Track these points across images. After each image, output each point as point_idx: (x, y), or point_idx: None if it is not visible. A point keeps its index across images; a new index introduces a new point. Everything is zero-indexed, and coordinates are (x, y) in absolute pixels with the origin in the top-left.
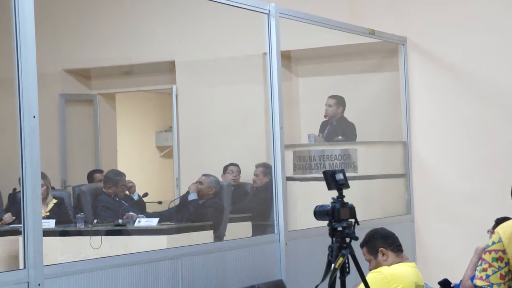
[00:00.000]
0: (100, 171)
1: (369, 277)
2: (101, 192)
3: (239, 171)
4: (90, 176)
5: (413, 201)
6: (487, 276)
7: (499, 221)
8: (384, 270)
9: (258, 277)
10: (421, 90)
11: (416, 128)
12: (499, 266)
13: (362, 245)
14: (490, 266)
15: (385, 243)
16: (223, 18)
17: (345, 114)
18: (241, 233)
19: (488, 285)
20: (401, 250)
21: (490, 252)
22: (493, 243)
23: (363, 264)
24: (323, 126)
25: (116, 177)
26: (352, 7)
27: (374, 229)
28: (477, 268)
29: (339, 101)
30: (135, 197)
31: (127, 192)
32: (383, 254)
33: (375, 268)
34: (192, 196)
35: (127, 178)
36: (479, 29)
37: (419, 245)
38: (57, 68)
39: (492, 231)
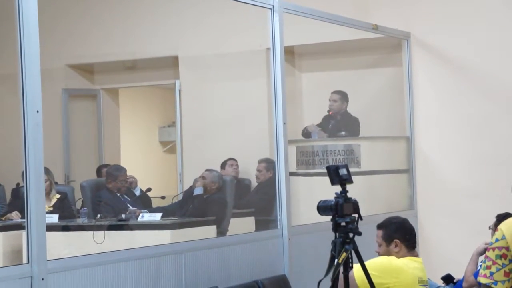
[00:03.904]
0: (108, 166)
1: (378, 259)
2: (103, 187)
3: (237, 165)
4: (99, 171)
5: (416, 197)
6: (491, 274)
7: (500, 217)
8: (393, 260)
9: (261, 272)
10: (424, 86)
11: (420, 124)
12: (503, 264)
13: (379, 227)
14: (494, 263)
15: (402, 237)
16: (226, 13)
17: (349, 109)
18: (244, 228)
19: (492, 283)
20: (414, 247)
21: (493, 249)
22: (497, 240)
23: (367, 259)
24: (326, 120)
25: (115, 173)
26: (356, 2)
27: (398, 217)
28: (480, 265)
29: (344, 97)
30: (137, 192)
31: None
32: (396, 246)
33: (383, 254)
34: (198, 191)
35: (129, 173)
36: (482, 25)
37: (422, 240)
38: (60, 63)
39: (493, 228)
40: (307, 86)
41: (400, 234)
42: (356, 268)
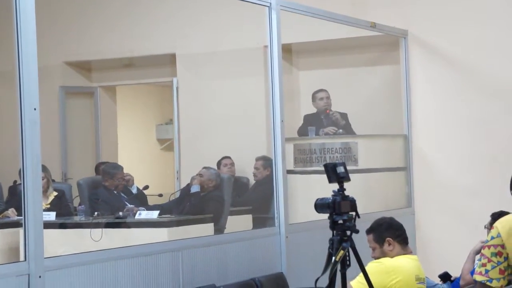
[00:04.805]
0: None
1: (369, 267)
2: (100, 185)
3: (232, 163)
4: (97, 169)
5: (413, 195)
6: (487, 271)
7: (495, 215)
8: (385, 261)
9: (258, 270)
10: (422, 84)
11: (417, 122)
12: (498, 261)
13: (368, 232)
14: (489, 261)
15: (393, 234)
16: (224, 11)
17: (347, 107)
18: (242, 226)
19: (487, 280)
20: (407, 243)
21: (489, 247)
22: (492, 238)
23: (364, 257)
24: (313, 119)
25: (112, 171)
26: (353, 0)
27: (383, 218)
28: (476, 263)
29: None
30: (134, 190)
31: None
32: (389, 244)
33: (379, 256)
34: (195, 188)
35: (127, 171)
36: (480, 23)
37: (419, 238)
38: (57, 61)
39: (489, 227)
40: (304, 84)
41: (390, 232)
42: (354, 282)
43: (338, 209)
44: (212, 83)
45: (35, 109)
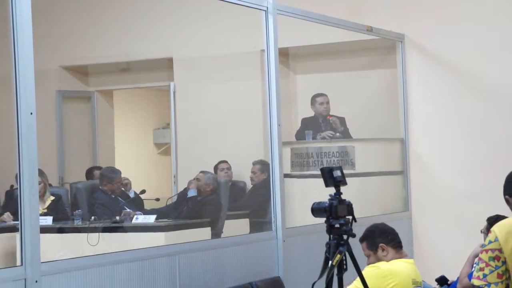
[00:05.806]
0: (99, 168)
1: (366, 271)
2: (98, 189)
3: (229, 168)
4: (89, 173)
5: (410, 198)
6: (484, 276)
7: (492, 220)
8: (381, 265)
9: (255, 274)
10: (418, 87)
11: (414, 125)
12: (496, 265)
13: (361, 240)
14: (487, 265)
15: (385, 239)
16: (221, 15)
17: (344, 111)
18: (239, 230)
19: (485, 285)
20: (401, 247)
21: (486, 251)
22: (490, 242)
23: (361, 261)
24: (311, 122)
25: (111, 175)
26: (350, 4)
27: (374, 224)
28: (474, 267)
29: None
30: (131, 194)
31: (123, 189)
32: (383, 250)
33: (374, 263)
34: (192, 193)
35: (123, 175)
36: (477, 26)
37: (417, 242)
38: (54, 65)
39: (485, 231)
40: (301, 88)
41: (383, 237)
42: (351, 286)
43: (335, 213)
44: (209, 87)
45: (31, 113)
